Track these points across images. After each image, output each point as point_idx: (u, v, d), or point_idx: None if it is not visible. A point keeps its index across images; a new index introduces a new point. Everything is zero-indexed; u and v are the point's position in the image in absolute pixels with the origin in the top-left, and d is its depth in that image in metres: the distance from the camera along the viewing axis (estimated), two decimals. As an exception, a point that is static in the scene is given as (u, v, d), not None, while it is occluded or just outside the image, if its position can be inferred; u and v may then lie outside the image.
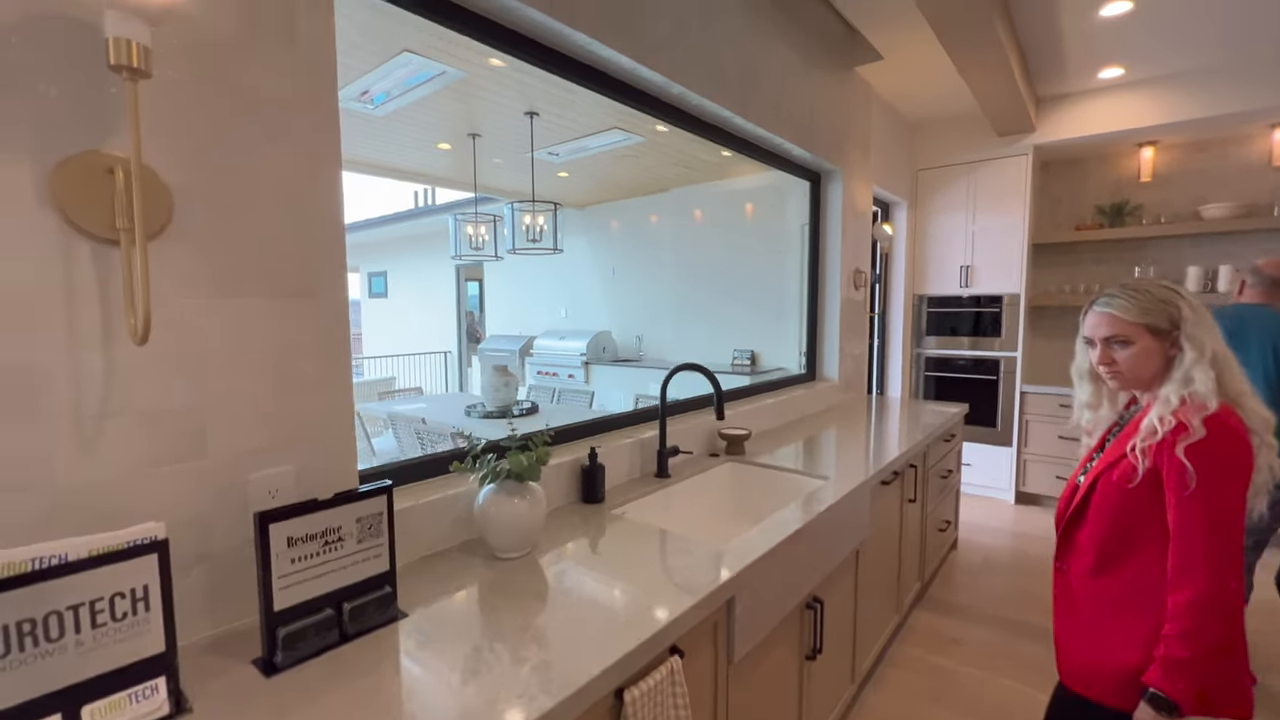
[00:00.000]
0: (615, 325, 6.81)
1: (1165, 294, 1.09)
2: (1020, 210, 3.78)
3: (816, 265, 3.14)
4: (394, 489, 1.24)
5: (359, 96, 3.44)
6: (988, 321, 3.96)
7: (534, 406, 4.20)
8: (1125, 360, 1.11)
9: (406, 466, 1.31)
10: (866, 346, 3.45)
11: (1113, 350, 1.13)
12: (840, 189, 3.04)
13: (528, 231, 3.82)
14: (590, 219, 7.05)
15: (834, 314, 3.11)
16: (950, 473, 2.89)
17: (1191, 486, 0.97)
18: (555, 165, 5.15)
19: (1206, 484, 0.97)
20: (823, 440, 2.33)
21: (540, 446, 1.23)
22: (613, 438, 1.77)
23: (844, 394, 3.20)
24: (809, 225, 3.13)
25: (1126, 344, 1.10)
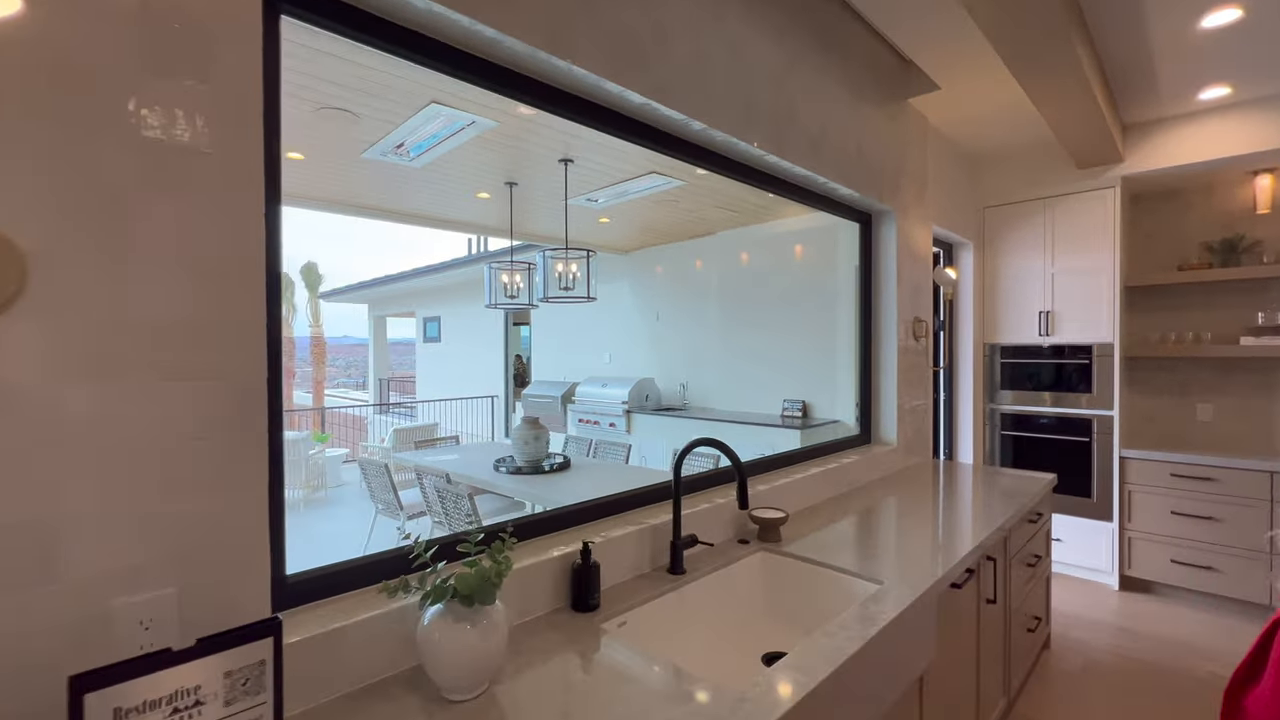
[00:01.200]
0: (660, 372, 6.58)
1: None
2: (1108, 249, 3.33)
3: (870, 313, 2.81)
4: (324, 604, 1.02)
5: (395, 150, 3.45)
6: (1074, 374, 3.47)
7: (566, 461, 3.98)
8: None
9: (353, 569, 1.09)
10: (930, 403, 3.05)
11: None
12: (894, 230, 2.74)
13: (560, 279, 3.69)
14: (634, 264, 6.95)
15: (890, 367, 2.76)
16: (1039, 559, 2.43)
17: None
18: (595, 211, 5.07)
19: None
20: (879, 521, 1.97)
21: (500, 554, 0.98)
22: (615, 524, 1.50)
23: (905, 459, 2.80)
24: (860, 269, 2.83)
25: None
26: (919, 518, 2.00)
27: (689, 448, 1.49)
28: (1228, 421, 3.35)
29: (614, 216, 5.32)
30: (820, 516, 1.99)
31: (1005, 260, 3.70)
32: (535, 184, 4.16)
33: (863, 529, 1.88)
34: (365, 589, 1.09)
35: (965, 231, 3.61)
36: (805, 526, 1.88)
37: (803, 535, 1.79)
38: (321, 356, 21.08)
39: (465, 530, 1.06)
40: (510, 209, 4.40)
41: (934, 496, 2.31)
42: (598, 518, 1.53)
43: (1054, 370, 3.55)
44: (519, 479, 3.60)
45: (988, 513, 2.05)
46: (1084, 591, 3.28)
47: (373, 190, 4.26)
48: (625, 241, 6.62)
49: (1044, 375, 3.58)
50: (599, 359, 7.41)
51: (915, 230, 2.89)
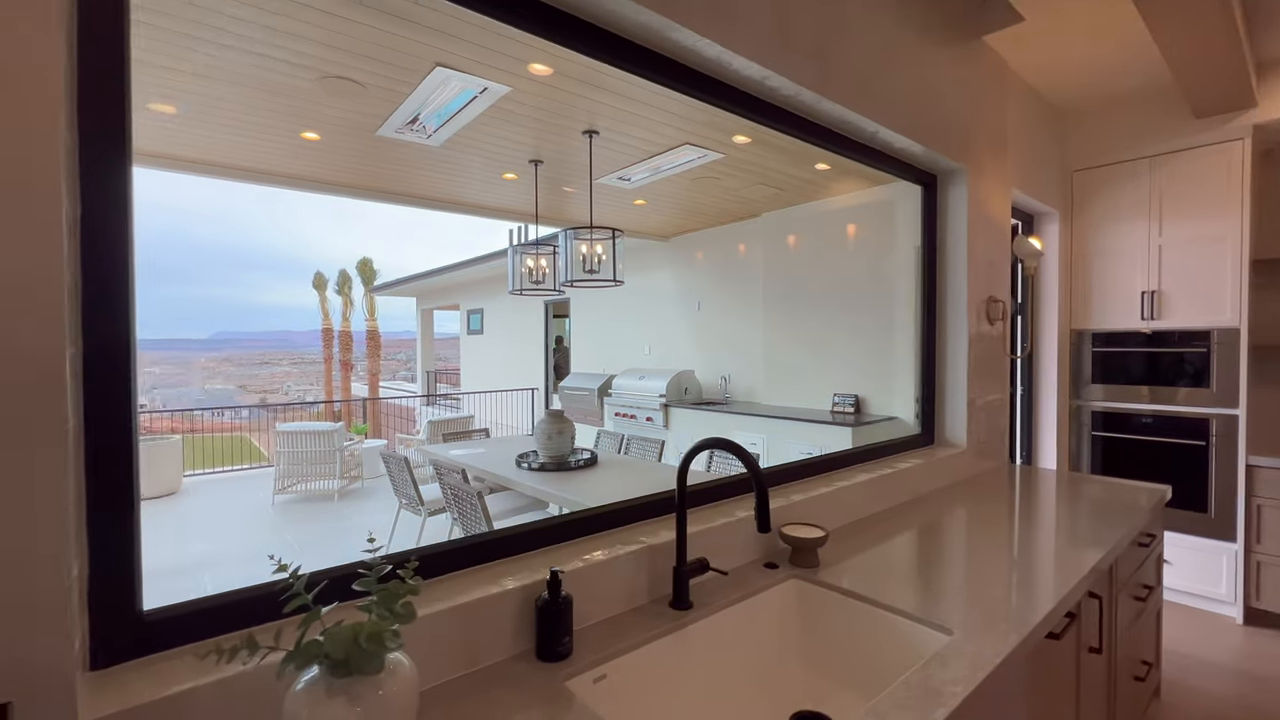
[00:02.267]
0: (701, 364, 6.23)
1: None
2: (1234, 215, 2.76)
3: (934, 293, 2.40)
4: (165, 652, 0.77)
5: (410, 125, 3.25)
6: (1186, 365, 2.92)
7: (593, 458, 3.71)
8: None
9: (209, 609, 0.84)
10: (1006, 398, 2.60)
11: None
12: (964, 192, 2.31)
13: (584, 262, 3.41)
14: (674, 250, 6.61)
15: (959, 355, 2.34)
16: (1149, 590, 1.97)
17: None
18: (629, 192, 4.77)
19: None
20: (945, 543, 1.60)
21: (395, 601, 0.70)
22: (606, 543, 1.21)
23: (975, 464, 2.38)
24: (923, 242, 2.41)
25: None
26: (995, 539, 1.61)
27: (696, 449, 1.18)
28: (1391, 424, 2.73)
29: (650, 198, 5.01)
30: (869, 535, 1.63)
31: (1099, 232, 3.16)
32: (561, 162, 3.89)
33: (924, 553, 1.52)
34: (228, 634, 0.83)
35: (1049, 198, 3.10)
36: (850, 548, 1.52)
37: (846, 560, 1.44)
38: (376, 349, 21.76)
39: (365, 560, 0.78)
40: (535, 189, 4.15)
41: (1013, 511, 1.90)
42: (581, 534, 1.23)
43: (1159, 361, 3.00)
44: (540, 476, 3.36)
45: (1086, 534, 1.63)
46: (1199, 626, 2.75)
47: (395, 173, 4.10)
48: (665, 226, 6.29)
49: (1146, 367, 3.04)
50: (638, 351, 7.13)
51: (991, 193, 2.45)
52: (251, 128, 3.24)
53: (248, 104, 2.95)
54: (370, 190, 4.37)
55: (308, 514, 5.06)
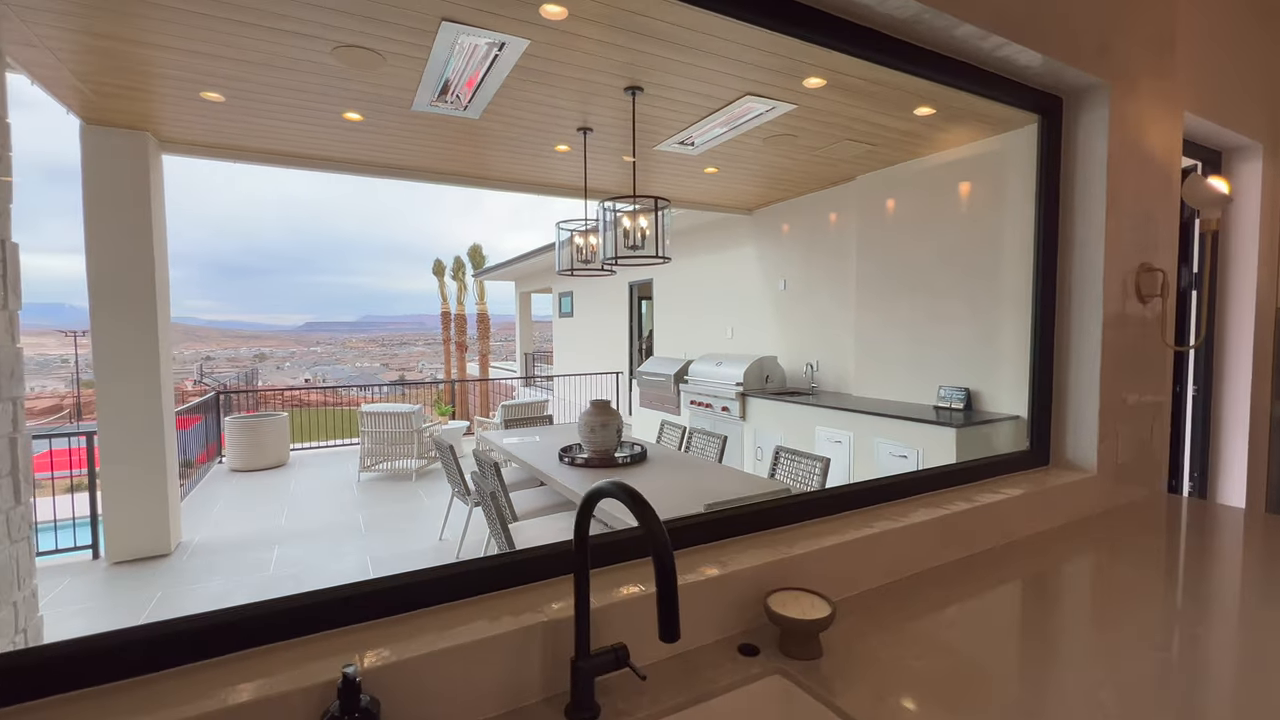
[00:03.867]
0: (786, 349, 5.66)
1: None
2: None
3: (1053, 261, 1.77)
4: None
5: (440, 98, 3.05)
6: None
7: (642, 454, 3.38)
8: None
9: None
10: (1166, 402, 1.89)
11: None
12: (1105, 119, 1.65)
13: (628, 236, 3.04)
14: (759, 224, 6.03)
15: (1089, 346, 1.70)
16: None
17: None
18: (697, 159, 4.31)
19: None
20: (1047, 628, 1.07)
21: None
22: (489, 607, 0.86)
23: (1110, 495, 1.73)
24: (1039, 191, 1.78)
25: None
26: (1140, 623, 1.05)
27: (589, 502, 0.79)
28: None
29: (722, 165, 4.51)
30: (918, 605, 1.14)
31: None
32: (613, 129, 3.54)
33: (1008, 640, 1.01)
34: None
35: (1248, 126, 2.24)
36: (884, 623, 1.06)
37: (874, 645, 0.98)
38: (486, 332, 22.97)
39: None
40: (584, 159, 3.83)
41: (1174, 575, 1.29)
42: (452, 598, 0.90)
43: None
44: (578, 472, 3.09)
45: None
46: None
47: (446, 151, 3.97)
48: (747, 198, 5.73)
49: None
50: (721, 334, 6.66)
51: (1148, 119, 1.75)
52: (294, 110, 3.21)
53: (282, 85, 2.90)
54: (425, 171, 4.30)
55: (385, 493, 5.23)
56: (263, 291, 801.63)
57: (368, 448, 5.62)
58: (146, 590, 3.28)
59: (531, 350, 13.79)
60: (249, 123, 3.37)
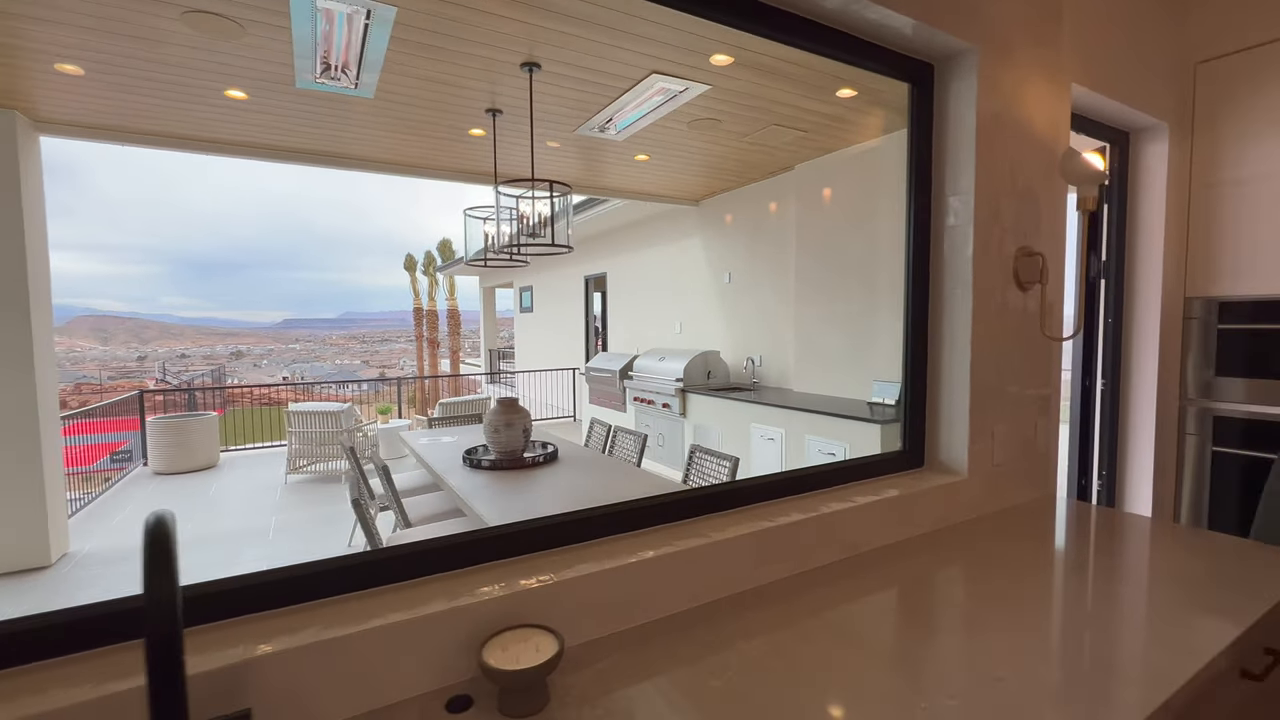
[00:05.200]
0: (731, 344, 5.52)
1: None
2: None
3: (924, 244, 1.62)
4: None
5: (325, 74, 2.84)
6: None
7: (553, 454, 3.20)
8: None
9: None
10: (1053, 396, 1.76)
11: None
12: (973, 87, 1.50)
13: (525, 224, 2.86)
14: (705, 216, 5.87)
15: (960, 339, 1.56)
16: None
17: None
18: (623, 146, 4.14)
19: None
20: (855, 671, 0.91)
21: None
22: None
23: (983, 498, 1.59)
24: (909, 167, 1.63)
25: None
26: (993, 653, 0.90)
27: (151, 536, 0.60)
28: None
29: (652, 153, 4.34)
30: (723, 632, 0.98)
31: (1235, 153, 2.12)
32: (522, 110, 3.34)
33: (805, 689, 0.85)
34: None
35: (1153, 105, 2.11)
36: (658, 664, 0.89)
37: (622, 699, 0.81)
38: (456, 327, 22.59)
39: None
40: (494, 143, 3.63)
41: (1011, 599, 1.15)
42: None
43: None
44: (482, 475, 2.90)
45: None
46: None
47: (350, 135, 3.74)
48: (692, 188, 5.57)
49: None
50: (671, 328, 6.50)
51: (1027, 88, 1.60)
52: (167, 87, 2.97)
53: (143, 57, 2.66)
54: (332, 156, 4.06)
55: (311, 495, 5.00)
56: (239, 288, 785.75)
57: (296, 449, 5.38)
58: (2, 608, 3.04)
59: (496, 346, 13.55)
60: (123, 100, 3.11)
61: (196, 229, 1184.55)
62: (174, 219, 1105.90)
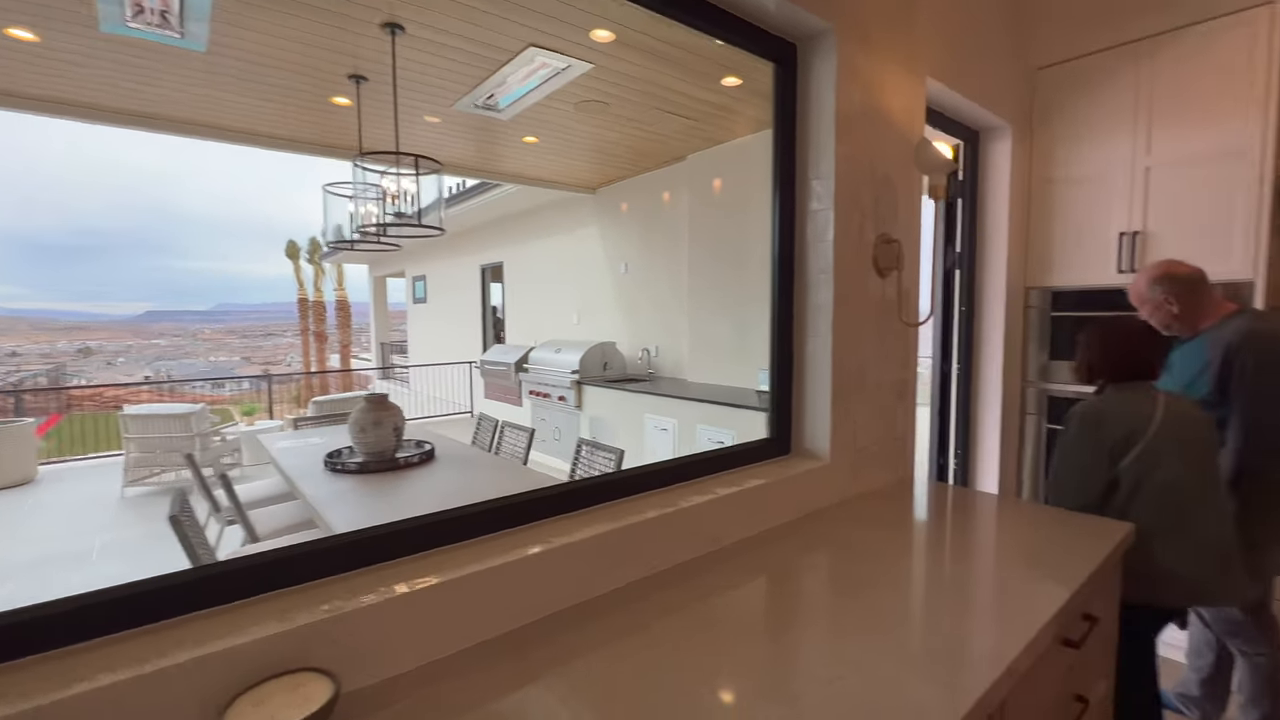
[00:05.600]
0: (627, 335, 5.45)
1: None
2: (1253, 122, 1.93)
3: (789, 228, 1.60)
4: None
5: (138, 17, 2.41)
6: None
7: (430, 453, 2.97)
8: None
9: None
10: (909, 384, 1.82)
11: None
12: (833, 69, 1.49)
13: (394, 204, 2.60)
14: (602, 204, 5.76)
15: (822, 324, 1.56)
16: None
17: None
18: (509, 126, 3.92)
19: None
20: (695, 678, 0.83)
21: None
22: None
23: (847, 482, 1.61)
24: (775, 148, 1.60)
25: None
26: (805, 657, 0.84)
27: None
28: None
29: (541, 135, 4.16)
30: (554, 651, 0.88)
31: (1067, 153, 2.32)
32: (389, 77, 3.05)
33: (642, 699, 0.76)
34: None
35: (1001, 107, 2.25)
36: (470, 700, 0.77)
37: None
38: (346, 320, 21.04)
39: None
40: (358, 112, 3.31)
41: (871, 578, 1.13)
42: None
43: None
44: (346, 480, 2.63)
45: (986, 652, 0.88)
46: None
47: (181, 95, 3.25)
48: (587, 175, 5.44)
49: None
50: (569, 319, 6.35)
51: (885, 77, 1.62)
52: (-80, 19, 2.41)
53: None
54: (159, 120, 3.53)
55: (155, 510, 4.38)
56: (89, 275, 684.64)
57: (135, 458, 4.69)
58: None
59: (389, 340, 12.72)
60: None
61: (34, 205, 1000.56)
62: (2, 193, 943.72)
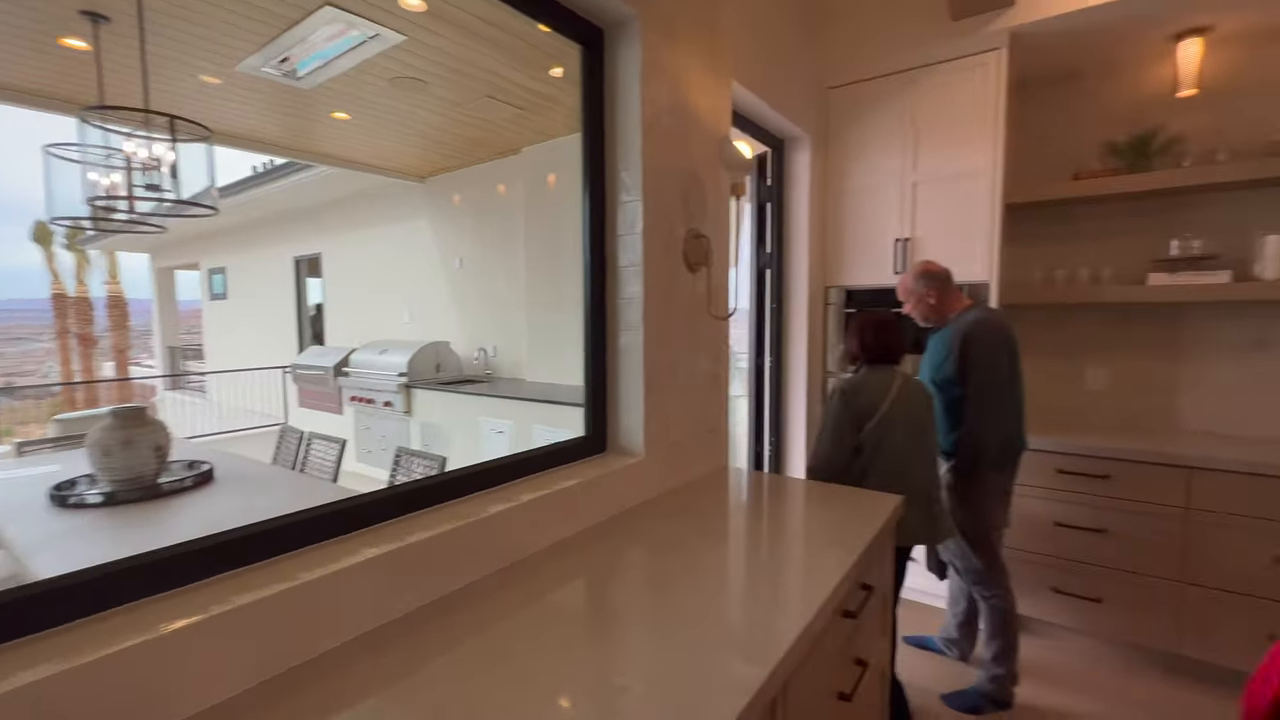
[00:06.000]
0: (464, 334, 5.15)
1: None
2: (988, 146, 2.29)
3: (599, 220, 1.56)
4: None
5: None
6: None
7: (206, 475, 2.50)
8: None
9: None
10: (721, 378, 1.88)
11: None
12: (638, 57, 1.47)
13: (142, 171, 2.13)
14: (433, 195, 5.38)
15: (632, 318, 1.54)
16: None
17: None
18: (311, 96, 3.46)
19: None
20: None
21: None
22: None
23: (663, 476, 1.61)
24: (584, 138, 1.55)
25: None
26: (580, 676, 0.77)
27: None
28: (1124, 392, 2.49)
29: (352, 112, 3.74)
30: (293, 705, 0.71)
31: (854, 165, 2.59)
32: (150, 26, 2.50)
33: None
34: None
35: (801, 119, 2.44)
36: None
37: None
38: (123, 320, 17.60)
39: None
40: (98, 61, 2.69)
41: (677, 573, 1.11)
42: None
43: (913, 327, 2.52)
44: (71, 517, 2.09)
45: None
46: (928, 625, 2.34)
47: None
48: (415, 162, 5.03)
49: (906, 332, 2.55)
50: (399, 318, 5.84)
51: (690, 72, 1.65)
52: None
53: None
54: None
55: None
56: None
57: None
58: None
59: (178, 343, 10.79)
60: None
61: None
62: None
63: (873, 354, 1.79)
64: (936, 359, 1.94)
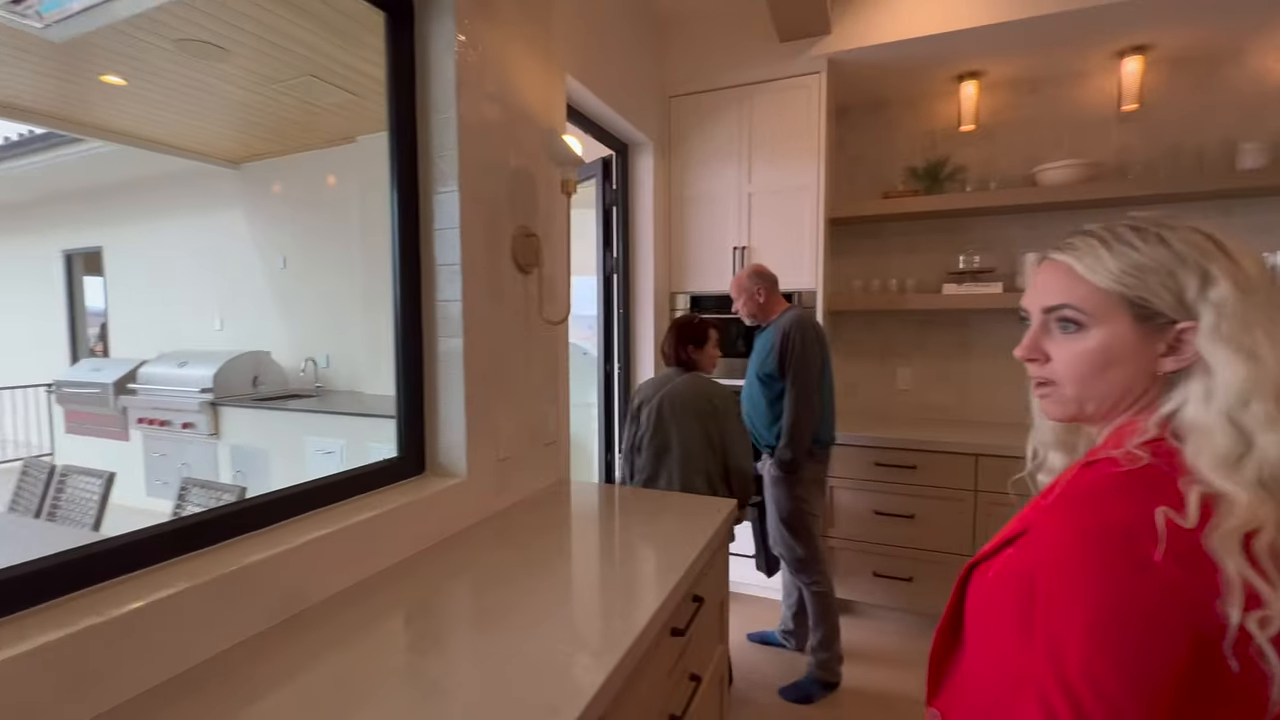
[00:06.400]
0: (288, 343, 4.54)
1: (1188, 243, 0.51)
2: (812, 163, 2.46)
3: (411, 213, 1.40)
4: None
5: None
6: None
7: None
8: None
9: None
10: (559, 387, 1.79)
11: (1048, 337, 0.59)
12: (450, 31, 1.33)
13: None
14: (249, 182, 4.69)
15: (450, 325, 1.39)
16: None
17: None
18: (72, 53, 2.84)
19: None
20: None
21: None
22: None
23: (491, 496, 1.47)
24: (390, 121, 1.38)
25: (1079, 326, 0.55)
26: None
27: None
28: (927, 389, 2.80)
29: (129, 75, 3.12)
30: None
31: (696, 174, 2.65)
32: None
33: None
34: None
35: (645, 125, 2.44)
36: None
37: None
38: None
39: None
40: None
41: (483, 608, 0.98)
42: None
43: (749, 333, 2.63)
44: None
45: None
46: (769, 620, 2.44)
47: None
48: (222, 143, 4.35)
49: (739, 338, 2.65)
50: (209, 325, 5.01)
51: (516, 58, 1.53)
52: None
53: None
54: None
55: None
56: None
57: None
58: None
59: (-108, 356, 8.37)
60: None
61: None
62: None
63: (667, 357, 1.97)
64: (761, 355, 2.05)
